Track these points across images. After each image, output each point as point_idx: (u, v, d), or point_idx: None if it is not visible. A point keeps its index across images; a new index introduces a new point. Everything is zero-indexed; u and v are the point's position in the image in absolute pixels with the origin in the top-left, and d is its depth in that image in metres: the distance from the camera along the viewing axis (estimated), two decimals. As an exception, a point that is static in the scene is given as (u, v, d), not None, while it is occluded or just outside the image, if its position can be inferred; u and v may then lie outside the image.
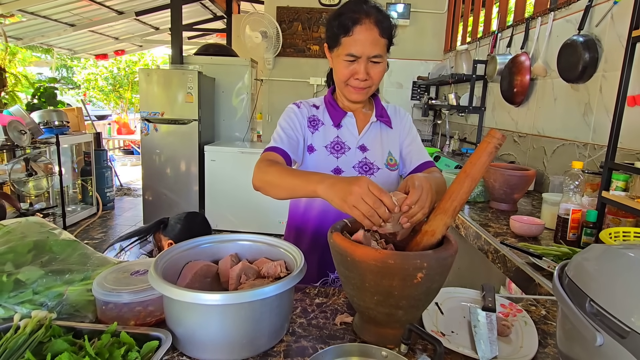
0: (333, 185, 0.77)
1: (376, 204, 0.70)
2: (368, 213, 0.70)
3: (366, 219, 0.72)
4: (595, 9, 1.92)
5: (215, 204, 4.19)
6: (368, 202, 0.70)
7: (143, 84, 4.18)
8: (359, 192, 0.71)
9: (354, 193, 0.71)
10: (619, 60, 1.43)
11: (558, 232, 1.42)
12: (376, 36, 1.00)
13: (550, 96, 2.27)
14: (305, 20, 4.54)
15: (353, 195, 0.71)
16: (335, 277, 1.18)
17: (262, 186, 0.96)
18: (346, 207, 0.73)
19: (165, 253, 0.82)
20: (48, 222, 1.03)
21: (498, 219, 1.73)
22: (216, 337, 0.69)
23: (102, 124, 8.70)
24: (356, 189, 0.71)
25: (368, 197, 0.71)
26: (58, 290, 0.81)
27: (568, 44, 2.00)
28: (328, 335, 0.79)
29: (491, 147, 0.71)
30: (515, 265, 1.26)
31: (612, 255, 0.62)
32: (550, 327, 0.86)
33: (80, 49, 7.82)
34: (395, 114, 1.20)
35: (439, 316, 0.87)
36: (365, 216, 0.71)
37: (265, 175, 0.95)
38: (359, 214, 0.72)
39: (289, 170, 0.93)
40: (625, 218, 1.37)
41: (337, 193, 0.75)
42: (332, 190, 0.77)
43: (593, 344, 0.53)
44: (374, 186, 0.72)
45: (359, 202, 0.71)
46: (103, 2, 5.59)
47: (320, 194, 0.80)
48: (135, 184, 6.32)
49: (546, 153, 2.27)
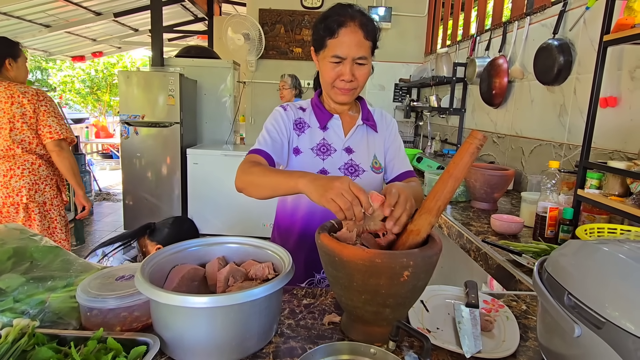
0: (314, 180, 0.81)
1: (354, 201, 0.74)
2: (344, 206, 0.73)
3: (341, 212, 0.74)
4: (569, 14, 1.99)
5: (199, 208, 4.14)
6: (346, 197, 0.73)
7: (123, 87, 4.10)
8: (339, 188, 0.74)
9: (335, 188, 0.75)
10: (591, 64, 1.49)
11: (537, 230, 1.46)
12: (361, 38, 1.02)
13: (528, 98, 2.34)
14: (288, 23, 4.55)
15: (333, 189, 0.75)
16: (322, 278, 1.19)
17: (244, 187, 0.98)
18: (324, 200, 0.76)
19: (151, 257, 0.81)
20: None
21: (479, 218, 1.78)
22: (205, 340, 0.68)
23: (79, 128, 8.49)
24: (337, 184, 0.75)
25: (347, 193, 0.74)
26: (40, 297, 0.79)
27: (544, 48, 2.07)
28: (317, 335, 0.80)
29: (473, 148, 0.73)
30: (497, 263, 1.30)
31: (588, 251, 0.64)
32: (531, 321, 0.89)
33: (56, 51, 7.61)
34: (381, 119, 1.23)
35: (425, 313, 0.89)
36: (341, 209, 0.74)
37: (247, 175, 0.97)
38: (336, 207, 0.74)
39: (271, 169, 0.95)
40: (600, 215, 1.43)
41: (317, 187, 0.79)
42: (312, 185, 0.80)
43: (571, 336, 0.56)
44: (355, 185, 0.75)
45: (337, 196, 0.74)
46: (80, 2, 5.46)
47: (300, 187, 0.83)
48: (115, 189, 6.18)
49: (524, 153, 2.34)
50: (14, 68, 2.08)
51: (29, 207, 2.02)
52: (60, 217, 2.15)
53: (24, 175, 2.00)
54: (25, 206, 2.01)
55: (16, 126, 1.98)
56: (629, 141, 1.59)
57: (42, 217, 2.06)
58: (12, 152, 1.99)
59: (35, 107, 2.00)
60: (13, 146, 1.98)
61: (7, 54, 2.06)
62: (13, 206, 2.00)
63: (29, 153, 2.03)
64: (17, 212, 2.01)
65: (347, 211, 0.74)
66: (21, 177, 2.00)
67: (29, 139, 2.02)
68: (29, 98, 1.99)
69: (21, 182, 1.99)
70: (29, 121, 2.00)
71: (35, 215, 2.04)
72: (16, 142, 1.98)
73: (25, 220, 2.02)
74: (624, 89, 1.63)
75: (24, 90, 2.00)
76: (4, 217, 2.01)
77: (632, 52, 1.59)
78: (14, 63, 2.09)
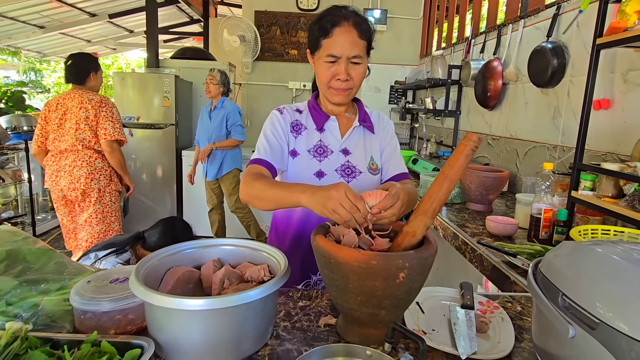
0: (314, 194, 0.82)
1: (352, 209, 0.75)
2: (346, 217, 0.76)
3: (345, 223, 0.77)
4: (563, 17, 2.01)
5: (194, 210, 4.13)
6: (345, 207, 0.75)
7: (117, 88, 4.08)
8: (337, 197, 0.76)
9: (333, 198, 0.76)
10: (584, 66, 1.50)
11: (531, 231, 1.47)
12: (355, 37, 1.03)
13: (522, 100, 2.35)
14: (284, 25, 4.55)
15: (332, 200, 0.76)
16: (318, 279, 1.19)
17: (249, 200, 1.00)
18: (326, 212, 0.78)
19: (146, 259, 0.80)
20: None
21: (474, 220, 1.78)
22: (200, 343, 0.68)
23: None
24: (334, 193, 0.76)
25: (345, 202, 0.75)
26: (33, 300, 0.78)
27: (538, 50, 2.09)
28: (312, 337, 0.80)
29: (468, 150, 0.74)
30: (492, 264, 1.30)
31: (582, 252, 0.65)
32: (526, 322, 0.89)
33: (50, 52, 7.58)
34: (378, 121, 1.23)
35: (420, 315, 0.89)
36: (343, 220, 0.76)
37: (251, 189, 0.99)
38: (338, 218, 0.77)
39: (273, 183, 0.97)
40: (593, 216, 1.44)
41: (317, 200, 0.80)
42: (313, 198, 0.82)
43: (566, 336, 0.56)
44: (351, 192, 0.76)
45: (337, 206, 0.76)
46: (75, 3, 5.43)
47: (303, 203, 0.85)
48: (110, 191, 6.14)
49: (518, 155, 2.35)
50: (93, 79, 2.54)
51: (86, 192, 2.45)
52: (111, 202, 2.56)
53: (83, 166, 2.42)
54: (83, 191, 2.44)
55: (80, 127, 2.40)
56: (622, 143, 1.60)
57: (96, 200, 2.48)
58: (75, 147, 2.41)
59: (97, 112, 2.42)
60: (76, 143, 2.41)
61: (91, 68, 2.53)
62: (75, 190, 2.42)
63: (88, 149, 2.44)
64: (77, 195, 2.44)
65: (349, 222, 0.76)
66: (81, 168, 2.41)
67: (89, 138, 2.43)
68: (93, 104, 2.42)
69: (81, 171, 2.41)
70: (90, 123, 2.41)
71: (91, 199, 2.47)
72: (79, 140, 2.41)
73: (82, 202, 2.47)
74: (617, 91, 1.64)
75: (91, 97, 2.43)
76: (68, 199, 2.47)
77: (624, 55, 1.60)
78: (95, 75, 2.55)
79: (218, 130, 3.35)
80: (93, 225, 2.49)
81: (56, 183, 2.42)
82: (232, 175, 3.47)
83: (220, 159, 3.40)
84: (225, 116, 3.32)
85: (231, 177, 3.47)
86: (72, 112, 2.39)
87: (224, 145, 3.34)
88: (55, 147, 2.42)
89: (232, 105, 3.36)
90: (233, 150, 3.43)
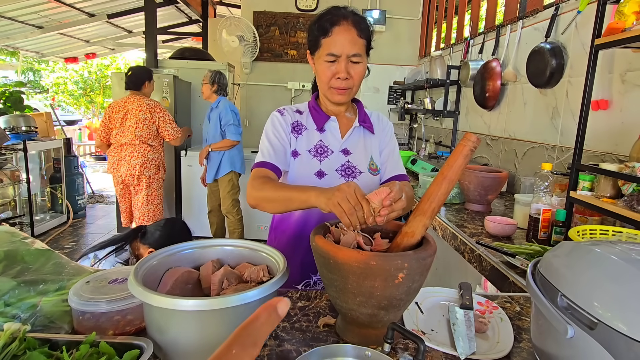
0: (324, 191, 0.83)
1: (357, 206, 0.76)
2: (349, 212, 0.76)
3: (345, 217, 0.77)
4: (561, 18, 2.01)
5: (193, 210, 4.12)
6: (350, 202, 0.76)
7: (116, 88, 4.07)
8: (345, 191, 0.77)
9: (341, 191, 0.77)
10: (583, 67, 1.50)
11: (530, 231, 1.47)
12: (354, 36, 1.04)
13: (520, 101, 2.36)
14: (283, 25, 4.55)
15: (340, 192, 0.77)
16: (318, 279, 1.19)
17: (258, 203, 1.01)
18: (331, 204, 0.78)
19: (145, 260, 0.80)
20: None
21: (473, 220, 1.78)
22: (199, 344, 0.68)
23: (72, 129, 8.41)
24: (344, 187, 0.78)
25: (352, 198, 0.76)
26: (31, 301, 0.78)
27: (536, 51, 2.09)
28: (311, 337, 0.80)
29: (467, 150, 0.74)
30: (491, 264, 1.30)
31: (580, 252, 0.65)
32: (525, 322, 0.89)
33: (48, 52, 7.56)
34: (378, 122, 1.24)
35: (419, 315, 0.89)
36: (345, 214, 0.76)
37: (260, 192, 0.99)
38: (341, 211, 0.77)
39: (282, 186, 0.98)
40: (592, 216, 1.44)
41: (326, 194, 0.82)
42: (322, 194, 0.83)
43: (564, 336, 0.56)
44: (360, 191, 0.77)
45: (342, 200, 0.76)
46: (73, 3, 5.42)
47: (312, 201, 0.86)
48: (108, 191, 6.14)
49: (517, 155, 2.36)
50: (147, 86, 3.17)
51: (140, 178, 3.10)
52: (158, 188, 3.22)
53: (138, 157, 3.05)
54: (138, 177, 3.08)
55: (139, 126, 3.03)
56: (620, 143, 1.60)
57: (147, 185, 3.13)
58: (133, 142, 3.04)
59: (152, 114, 3.07)
60: (135, 139, 3.03)
61: (146, 77, 3.16)
62: (132, 176, 3.07)
63: (143, 143, 3.07)
64: (132, 180, 3.09)
65: (350, 216, 0.76)
66: (137, 158, 3.05)
67: (145, 135, 3.06)
68: (149, 108, 3.06)
69: (137, 161, 3.04)
70: (147, 123, 3.06)
71: (143, 184, 3.12)
72: (137, 136, 3.04)
73: (137, 185, 3.12)
74: (615, 92, 1.65)
75: (147, 102, 3.08)
76: (126, 183, 3.13)
77: (622, 55, 1.61)
78: (149, 83, 3.18)
79: (213, 130, 3.33)
80: (144, 205, 3.14)
81: (117, 170, 3.06)
82: (228, 179, 3.44)
83: (217, 161, 3.38)
84: (219, 116, 3.30)
85: (226, 180, 3.44)
86: (132, 113, 3.02)
87: (219, 146, 3.31)
88: (117, 141, 3.05)
89: (226, 104, 3.29)
90: (230, 152, 3.39)
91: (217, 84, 3.32)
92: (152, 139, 3.10)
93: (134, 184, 3.10)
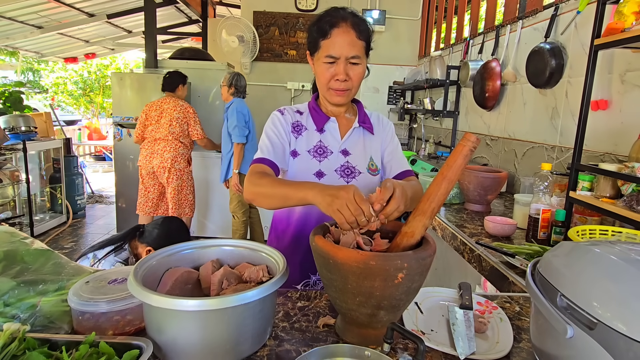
0: (322, 191, 0.82)
1: (357, 211, 0.75)
2: (349, 219, 0.75)
3: (346, 225, 0.76)
4: (560, 18, 2.01)
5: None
6: (350, 209, 0.75)
7: (116, 88, 4.07)
8: (345, 198, 0.75)
9: (341, 197, 0.76)
10: (582, 67, 1.50)
11: (529, 231, 1.47)
12: (353, 38, 1.04)
13: (520, 101, 2.36)
14: (282, 25, 4.55)
15: (339, 199, 0.76)
16: (318, 279, 1.19)
17: (254, 198, 1.00)
18: (331, 210, 0.77)
19: (145, 260, 0.80)
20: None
21: (473, 220, 1.79)
22: (198, 344, 0.68)
23: (71, 130, 8.40)
24: (343, 194, 0.76)
25: (351, 204, 0.75)
26: (31, 301, 0.78)
27: (536, 51, 2.09)
28: (311, 338, 0.80)
29: (466, 150, 0.74)
30: (490, 264, 1.30)
31: (580, 252, 0.65)
32: (524, 322, 0.89)
33: (48, 52, 7.55)
34: (378, 122, 1.24)
35: (419, 315, 0.89)
36: (346, 221, 0.75)
37: (257, 187, 0.98)
38: (341, 218, 0.76)
39: (279, 181, 0.97)
40: (591, 216, 1.44)
41: (325, 197, 0.80)
42: (320, 195, 0.81)
43: (564, 337, 0.56)
44: (359, 195, 0.76)
45: (343, 207, 0.75)
46: (73, 4, 5.42)
47: (310, 199, 0.84)
48: (108, 191, 6.13)
49: (517, 155, 2.36)
50: (181, 89, 3.47)
51: (170, 171, 3.34)
52: (188, 180, 3.48)
53: (170, 151, 3.32)
54: (168, 170, 3.33)
55: (172, 124, 3.33)
56: (620, 143, 1.61)
57: (177, 177, 3.37)
58: (167, 138, 3.32)
59: (184, 114, 3.38)
60: (168, 135, 3.32)
61: (180, 81, 3.46)
62: (163, 169, 3.32)
63: (175, 139, 3.35)
64: (164, 172, 3.33)
65: (351, 224, 0.76)
66: (169, 152, 3.31)
67: (177, 132, 3.34)
68: (182, 109, 3.38)
69: (168, 155, 3.31)
70: (180, 122, 3.35)
71: (173, 176, 3.35)
72: (170, 133, 3.32)
73: (168, 177, 3.34)
74: (615, 92, 1.65)
75: (181, 103, 3.39)
76: (158, 174, 3.37)
77: (622, 55, 1.61)
78: (183, 86, 3.48)
79: (225, 131, 3.33)
80: (174, 196, 3.38)
81: (149, 162, 3.33)
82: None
83: (227, 162, 3.40)
84: (226, 117, 3.29)
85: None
86: (167, 112, 3.33)
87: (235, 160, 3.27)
88: (151, 136, 3.33)
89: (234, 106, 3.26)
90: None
91: (235, 86, 3.31)
92: (183, 137, 3.38)
93: (165, 176, 3.34)
